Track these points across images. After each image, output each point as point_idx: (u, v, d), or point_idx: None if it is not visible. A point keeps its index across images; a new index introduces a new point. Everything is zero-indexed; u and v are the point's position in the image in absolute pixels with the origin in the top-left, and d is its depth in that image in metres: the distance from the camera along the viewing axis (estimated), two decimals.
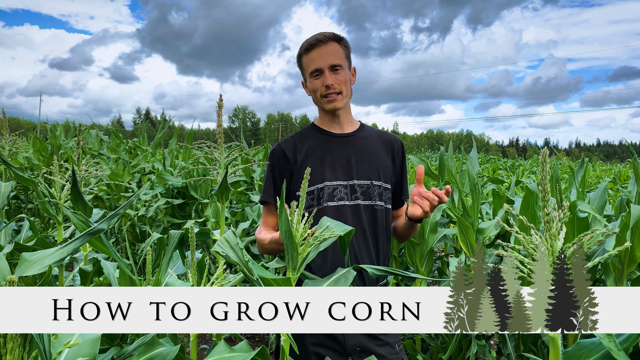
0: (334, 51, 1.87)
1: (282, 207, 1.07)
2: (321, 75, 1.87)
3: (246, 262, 0.96)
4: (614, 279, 2.26)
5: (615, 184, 8.91)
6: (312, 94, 1.95)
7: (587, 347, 0.73)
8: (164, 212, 4.98)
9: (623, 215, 2.25)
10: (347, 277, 1.19)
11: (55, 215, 2.42)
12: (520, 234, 0.71)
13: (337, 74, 1.87)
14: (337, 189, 1.88)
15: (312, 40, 1.89)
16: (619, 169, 15.09)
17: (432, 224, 2.91)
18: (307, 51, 1.89)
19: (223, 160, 1.72)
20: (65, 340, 0.77)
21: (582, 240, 0.66)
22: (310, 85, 1.92)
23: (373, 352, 1.80)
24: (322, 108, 1.95)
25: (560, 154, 41.06)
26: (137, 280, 1.55)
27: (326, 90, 1.87)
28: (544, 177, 0.65)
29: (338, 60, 1.87)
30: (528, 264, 0.70)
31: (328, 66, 1.85)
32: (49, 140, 7.35)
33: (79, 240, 1.03)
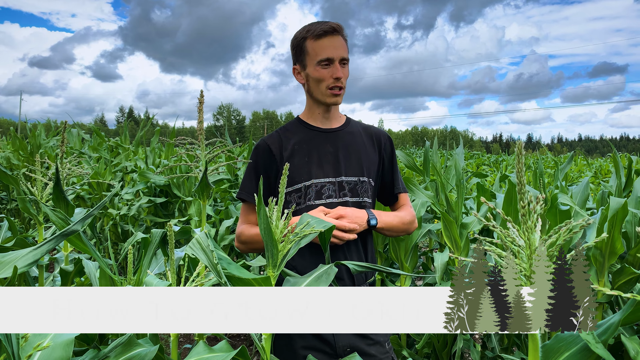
0: (343, 44, 1.83)
1: (260, 203, 1.06)
2: (331, 65, 1.80)
3: (215, 264, 0.94)
4: (596, 271, 2.28)
5: (597, 178, 9.04)
6: (312, 82, 1.85)
7: (566, 340, 0.73)
8: (146, 210, 4.93)
9: (603, 208, 2.28)
10: (329, 274, 1.18)
11: (36, 214, 2.37)
12: (498, 228, 0.70)
13: (344, 68, 1.83)
14: (325, 186, 1.84)
15: (325, 27, 1.80)
16: (600, 163, 15.33)
17: (417, 219, 2.92)
18: (318, 37, 1.80)
19: (204, 156, 1.70)
20: (35, 343, 0.74)
21: (559, 232, 0.66)
22: (314, 73, 1.82)
23: (364, 352, 1.78)
24: (321, 100, 1.87)
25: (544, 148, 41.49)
26: (118, 280, 1.53)
27: (334, 83, 1.81)
28: (519, 170, 0.65)
29: (347, 54, 1.84)
30: (504, 258, 0.70)
31: (340, 58, 1.80)
32: (28, 140, 7.22)
33: (53, 242, 1.00)
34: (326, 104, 1.87)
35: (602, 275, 2.27)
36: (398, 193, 2.02)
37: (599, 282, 2.28)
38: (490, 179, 7.23)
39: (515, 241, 0.71)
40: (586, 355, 0.69)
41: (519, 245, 0.70)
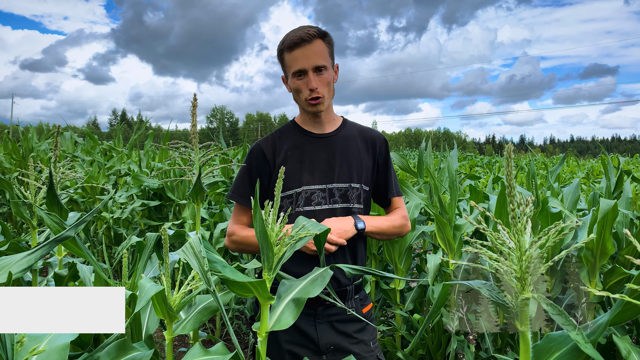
0: (318, 51, 1.79)
1: (256, 207, 1.07)
2: (305, 76, 1.80)
3: (205, 271, 0.94)
4: (587, 271, 2.30)
5: (589, 179, 9.10)
6: (293, 92, 1.88)
7: (556, 340, 0.75)
8: (140, 214, 4.91)
9: (594, 209, 2.30)
10: (324, 277, 1.19)
11: (30, 219, 2.36)
12: (489, 231, 0.72)
13: (321, 75, 1.81)
14: (314, 193, 1.85)
15: (295, 38, 1.78)
16: (592, 164, 15.43)
17: (411, 221, 2.93)
18: (290, 49, 1.80)
19: (198, 160, 1.70)
20: (31, 347, 0.75)
21: (548, 234, 0.67)
22: (292, 84, 1.85)
23: (347, 350, 1.80)
24: (304, 110, 1.90)
25: (536, 150, 41.79)
26: (113, 284, 1.53)
27: (310, 94, 1.81)
28: (509, 173, 0.66)
29: (322, 61, 1.80)
30: (495, 260, 0.71)
31: (312, 67, 1.78)
32: (20, 143, 7.18)
33: (47, 247, 1.00)
34: (307, 112, 1.90)
35: (594, 275, 2.29)
36: (392, 197, 2.03)
37: (591, 282, 2.30)
38: (483, 180, 7.27)
39: (505, 243, 0.72)
40: (576, 355, 0.70)
41: (510, 247, 0.71)
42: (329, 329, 1.82)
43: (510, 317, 0.75)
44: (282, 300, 1.16)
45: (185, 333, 1.35)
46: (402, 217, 2.01)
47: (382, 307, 3.31)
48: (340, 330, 1.83)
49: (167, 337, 1.26)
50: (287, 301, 1.15)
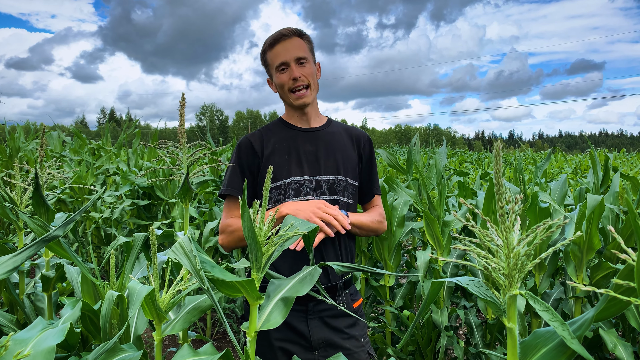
0: (298, 45, 1.88)
1: (244, 206, 1.06)
2: (287, 68, 1.86)
3: (198, 270, 0.94)
4: (574, 266, 2.33)
5: (576, 174, 9.19)
6: (279, 89, 1.93)
7: (543, 336, 0.75)
8: (129, 213, 4.88)
9: (581, 204, 2.32)
10: (312, 275, 1.19)
11: (16, 220, 2.33)
12: (477, 228, 0.72)
13: (303, 66, 1.87)
14: (303, 184, 1.88)
15: (275, 35, 1.88)
16: (580, 159, 15.58)
17: (400, 217, 2.94)
18: (271, 46, 1.89)
19: (186, 160, 1.69)
20: (15, 351, 0.74)
21: (535, 231, 0.67)
22: (277, 80, 1.90)
23: (339, 346, 1.81)
24: (290, 104, 1.93)
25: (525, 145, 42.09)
26: (101, 284, 1.51)
27: (294, 84, 1.86)
28: (497, 171, 0.66)
29: (303, 53, 1.87)
30: (483, 257, 0.71)
31: (294, 59, 1.85)
32: (7, 143, 7.09)
33: (33, 248, 0.99)
34: (294, 106, 1.93)
35: (581, 270, 2.31)
36: (376, 193, 2.08)
37: (578, 277, 2.32)
38: (472, 176, 7.31)
39: (493, 240, 0.72)
40: (563, 350, 0.71)
41: (498, 244, 0.71)
42: (320, 325, 1.83)
43: (499, 313, 0.75)
44: (271, 299, 1.16)
45: (174, 333, 1.34)
46: (380, 214, 2.06)
47: (372, 303, 3.32)
48: (331, 326, 1.84)
49: (156, 338, 1.25)
50: (276, 300, 1.15)
